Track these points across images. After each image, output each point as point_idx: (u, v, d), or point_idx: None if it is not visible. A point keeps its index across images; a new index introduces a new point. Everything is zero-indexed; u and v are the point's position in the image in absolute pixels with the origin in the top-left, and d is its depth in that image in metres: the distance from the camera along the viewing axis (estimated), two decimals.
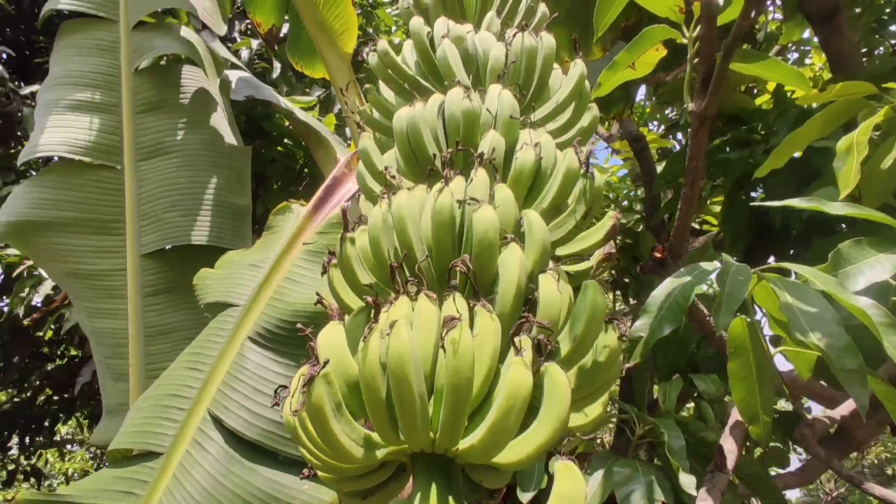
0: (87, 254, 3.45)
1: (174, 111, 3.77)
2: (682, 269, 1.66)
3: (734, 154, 3.05)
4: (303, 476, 1.36)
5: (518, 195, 1.48)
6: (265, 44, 4.67)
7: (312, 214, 3.00)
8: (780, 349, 1.71)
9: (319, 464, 1.21)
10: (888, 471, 15.02)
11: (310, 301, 2.48)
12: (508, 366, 1.12)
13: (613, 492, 2.44)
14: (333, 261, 1.52)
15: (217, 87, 3.87)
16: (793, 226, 2.98)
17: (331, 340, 1.22)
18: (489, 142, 1.53)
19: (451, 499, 1.10)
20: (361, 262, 1.47)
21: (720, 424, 2.73)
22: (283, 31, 4.52)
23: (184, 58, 3.90)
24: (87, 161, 3.52)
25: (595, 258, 1.57)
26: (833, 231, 2.68)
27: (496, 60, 1.79)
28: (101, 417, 3.31)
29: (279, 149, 4.87)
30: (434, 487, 1.11)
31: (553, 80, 1.93)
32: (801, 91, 2.29)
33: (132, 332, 3.38)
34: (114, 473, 2.62)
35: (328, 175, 3.15)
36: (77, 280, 3.41)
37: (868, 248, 1.57)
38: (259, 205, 4.00)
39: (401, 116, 1.67)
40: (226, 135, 3.82)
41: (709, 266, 1.64)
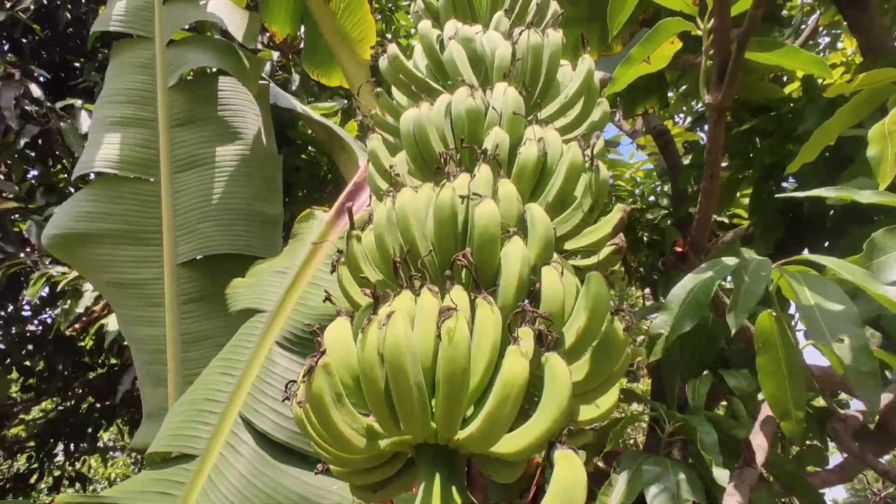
0: (128, 264, 3.59)
1: (208, 123, 3.90)
2: (704, 265, 1.63)
3: (761, 143, 2.98)
4: (317, 471, 1.39)
5: (523, 190, 1.48)
6: (281, 53, 4.73)
7: (335, 220, 3.06)
8: (810, 342, 1.66)
9: (329, 456, 1.24)
10: None
11: (332, 305, 2.53)
12: (505, 355, 1.13)
13: (643, 491, 2.40)
14: (342, 259, 1.55)
15: (252, 95, 3.98)
16: (826, 216, 2.87)
17: (337, 335, 1.26)
18: (493, 138, 1.54)
19: (454, 489, 1.11)
20: (368, 259, 1.50)
21: (752, 421, 2.64)
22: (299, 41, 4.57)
23: (216, 70, 4.03)
24: (127, 175, 3.68)
25: (604, 252, 1.56)
26: (869, 220, 2.58)
27: (502, 59, 1.80)
28: (141, 422, 3.43)
29: (303, 157, 4.95)
30: (437, 478, 1.12)
31: (561, 76, 1.93)
32: (822, 76, 2.23)
33: (170, 339, 3.50)
34: (152, 475, 2.71)
35: (350, 180, 3.21)
36: (118, 289, 3.56)
37: None
38: (286, 212, 4.09)
39: (407, 118, 1.70)
40: (260, 142, 3.93)
41: (730, 261, 1.59)
